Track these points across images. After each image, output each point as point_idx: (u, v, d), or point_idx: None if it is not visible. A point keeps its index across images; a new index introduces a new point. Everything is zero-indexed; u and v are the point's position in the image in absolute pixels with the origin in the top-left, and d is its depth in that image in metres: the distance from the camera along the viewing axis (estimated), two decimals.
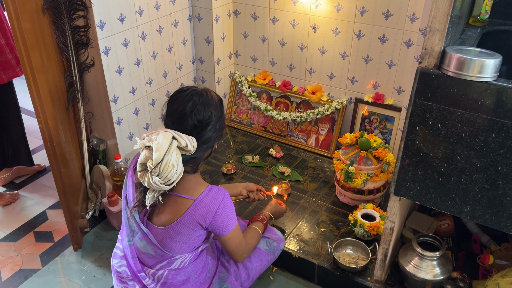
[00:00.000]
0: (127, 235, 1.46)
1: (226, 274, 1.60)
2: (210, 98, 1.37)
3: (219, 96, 1.42)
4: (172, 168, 1.25)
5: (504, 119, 1.21)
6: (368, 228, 1.87)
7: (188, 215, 1.34)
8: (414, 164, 1.41)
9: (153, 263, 1.45)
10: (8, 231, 2.21)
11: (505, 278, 1.55)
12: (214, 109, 1.36)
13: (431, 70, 1.29)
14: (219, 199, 1.37)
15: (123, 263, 1.52)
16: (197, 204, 1.34)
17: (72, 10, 1.90)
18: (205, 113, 1.33)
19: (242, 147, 2.63)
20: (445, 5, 1.22)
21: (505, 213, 1.32)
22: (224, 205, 1.38)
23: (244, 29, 2.64)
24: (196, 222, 1.35)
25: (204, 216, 1.35)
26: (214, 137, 1.38)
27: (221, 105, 1.41)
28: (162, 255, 1.42)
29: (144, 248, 1.43)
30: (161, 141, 1.24)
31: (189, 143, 1.28)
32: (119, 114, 2.20)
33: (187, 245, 1.40)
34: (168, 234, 1.37)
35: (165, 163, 1.23)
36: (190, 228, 1.36)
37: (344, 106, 2.46)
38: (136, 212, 1.40)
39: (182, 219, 1.34)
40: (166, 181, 1.26)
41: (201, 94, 1.36)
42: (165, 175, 1.25)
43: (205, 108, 1.34)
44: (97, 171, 2.23)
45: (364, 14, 2.21)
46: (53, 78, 1.90)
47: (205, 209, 1.35)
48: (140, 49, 2.23)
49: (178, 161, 1.27)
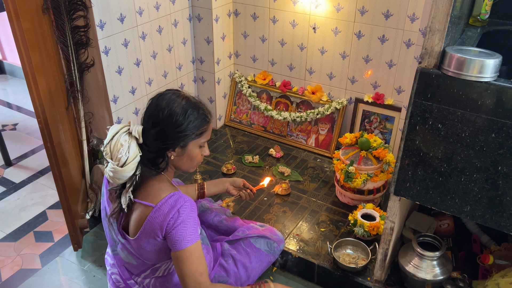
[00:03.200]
0: (111, 245, 1.46)
1: (226, 279, 1.59)
2: (172, 104, 1.30)
3: (187, 109, 1.31)
4: (121, 147, 1.26)
5: (504, 119, 1.21)
6: (368, 228, 1.87)
7: (148, 223, 1.28)
8: (414, 164, 1.41)
9: (138, 272, 1.45)
10: (8, 231, 2.21)
11: (505, 278, 1.55)
12: (167, 115, 1.29)
13: (431, 70, 1.29)
14: (177, 206, 1.26)
15: (114, 271, 1.52)
16: (156, 211, 1.27)
17: (72, 10, 1.90)
18: (156, 114, 1.29)
19: (242, 147, 2.63)
20: (445, 5, 1.22)
21: (505, 213, 1.32)
22: (181, 212, 1.26)
23: (244, 29, 2.64)
24: (154, 232, 1.28)
25: (161, 226, 1.26)
26: (161, 143, 1.30)
27: (184, 117, 1.30)
28: (143, 264, 1.40)
29: (126, 257, 1.42)
30: (113, 126, 1.31)
31: (134, 128, 1.29)
32: (119, 114, 2.20)
33: (164, 253, 1.35)
34: (138, 244, 1.33)
35: (114, 142, 1.27)
36: (153, 238, 1.29)
37: (344, 106, 2.46)
38: (115, 221, 1.38)
39: (144, 229, 1.29)
40: (117, 162, 1.26)
41: (164, 96, 1.32)
42: (115, 154, 1.27)
43: (157, 108, 1.30)
44: (97, 171, 2.23)
45: (364, 14, 2.21)
46: (53, 78, 1.90)
47: (162, 217, 1.26)
48: (140, 49, 2.23)
49: (129, 142, 1.27)
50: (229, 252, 1.66)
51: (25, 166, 2.68)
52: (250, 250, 1.67)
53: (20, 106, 3.34)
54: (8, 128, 3.06)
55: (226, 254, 1.66)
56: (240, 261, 1.63)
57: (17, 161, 2.72)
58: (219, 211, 1.86)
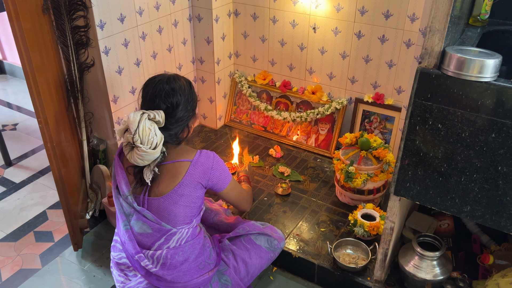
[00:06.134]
0: (123, 220, 1.53)
1: (225, 267, 1.63)
2: (178, 83, 1.48)
3: (188, 80, 1.54)
4: (150, 131, 1.38)
5: (504, 119, 1.21)
6: (368, 228, 1.87)
7: (189, 176, 1.47)
8: (414, 164, 1.41)
9: (151, 241, 1.50)
10: (8, 231, 2.21)
11: (505, 278, 1.55)
12: (183, 92, 1.48)
13: (431, 70, 1.29)
14: (211, 156, 1.53)
15: (123, 255, 1.57)
16: (195, 164, 1.48)
17: (72, 10, 1.90)
18: (174, 96, 1.45)
19: (242, 147, 2.63)
20: (445, 5, 1.22)
21: (505, 213, 1.32)
22: (217, 161, 1.54)
23: (244, 29, 2.64)
24: (196, 181, 1.48)
25: (203, 174, 1.49)
26: (186, 116, 1.49)
27: (190, 88, 1.52)
28: (159, 229, 1.48)
29: (141, 228, 1.50)
30: (132, 116, 1.39)
31: (157, 114, 1.41)
32: (119, 114, 2.21)
33: (189, 209, 1.50)
34: (171, 199, 1.46)
35: (142, 128, 1.37)
36: (192, 188, 1.48)
37: (344, 106, 2.46)
38: (131, 195, 1.48)
39: (184, 181, 1.46)
40: (150, 145, 1.38)
41: (169, 80, 1.48)
42: (146, 139, 1.37)
43: (173, 91, 1.46)
44: (97, 171, 2.23)
45: (364, 14, 2.21)
46: (53, 78, 1.90)
47: (202, 167, 1.49)
48: (140, 49, 2.23)
49: (154, 126, 1.40)
50: (229, 247, 1.68)
51: (25, 166, 2.68)
52: (250, 246, 1.69)
53: (20, 106, 3.34)
54: (8, 128, 3.06)
55: (226, 249, 1.68)
56: (239, 256, 1.66)
57: (17, 161, 2.72)
58: (219, 211, 1.87)
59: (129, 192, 1.48)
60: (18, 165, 2.69)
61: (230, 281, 1.61)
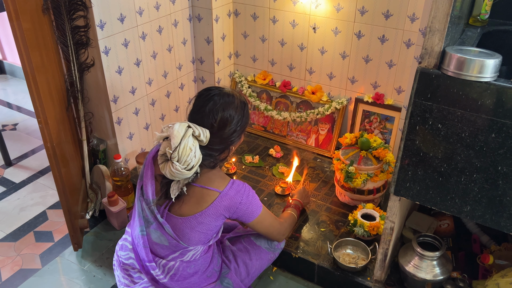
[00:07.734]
0: (140, 225, 1.48)
1: (226, 270, 1.62)
2: (232, 100, 1.40)
3: (244, 100, 1.46)
4: (190, 152, 1.31)
5: (504, 119, 1.21)
6: (368, 228, 1.87)
7: (214, 207, 1.41)
8: (414, 164, 1.41)
9: (166, 253, 1.48)
10: (8, 231, 2.21)
11: (505, 278, 1.55)
12: (235, 112, 1.40)
13: (431, 70, 1.29)
14: (241, 191, 1.45)
15: (132, 256, 1.55)
16: (223, 196, 1.42)
17: (72, 10, 1.90)
18: (224, 114, 1.38)
19: (242, 147, 2.63)
20: (445, 5, 1.22)
21: (505, 213, 1.32)
22: (247, 196, 1.46)
23: (244, 29, 2.64)
24: (219, 213, 1.43)
25: (228, 207, 1.43)
26: (232, 137, 1.42)
27: (244, 109, 1.44)
28: (176, 245, 1.46)
29: (158, 238, 1.46)
30: (177, 128, 1.31)
31: (202, 133, 1.34)
32: (119, 114, 2.21)
33: (204, 235, 1.46)
34: (189, 224, 1.42)
35: (183, 147, 1.30)
36: (213, 218, 1.42)
37: (344, 106, 2.46)
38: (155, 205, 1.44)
39: (208, 210, 1.41)
40: (186, 166, 1.31)
41: (223, 95, 1.40)
42: (184, 159, 1.30)
43: (224, 109, 1.38)
44: (97, 171, 2.23)
45: (364, 14, 2.21)
46: (53, 78, 1.90)
47: (229, 201, 1.42)
48: (140, 49, 2.23)
49: (195, 146, 1.33)
50: (229, 248, 1.68)
51: (25, 166, 2.68)
52: (250, 247, 1.68)
53: (20, 106, 3.34)
54: (8, 128, 3.06)
55: (227, 250, 1.68)
56: (240, 257, 1.66)
57: (17, 161, 2.72)
58: None
59: (153, 202, 1.43)
60: (18, 165, 2.69)
61: (231, 284, 1.60)
